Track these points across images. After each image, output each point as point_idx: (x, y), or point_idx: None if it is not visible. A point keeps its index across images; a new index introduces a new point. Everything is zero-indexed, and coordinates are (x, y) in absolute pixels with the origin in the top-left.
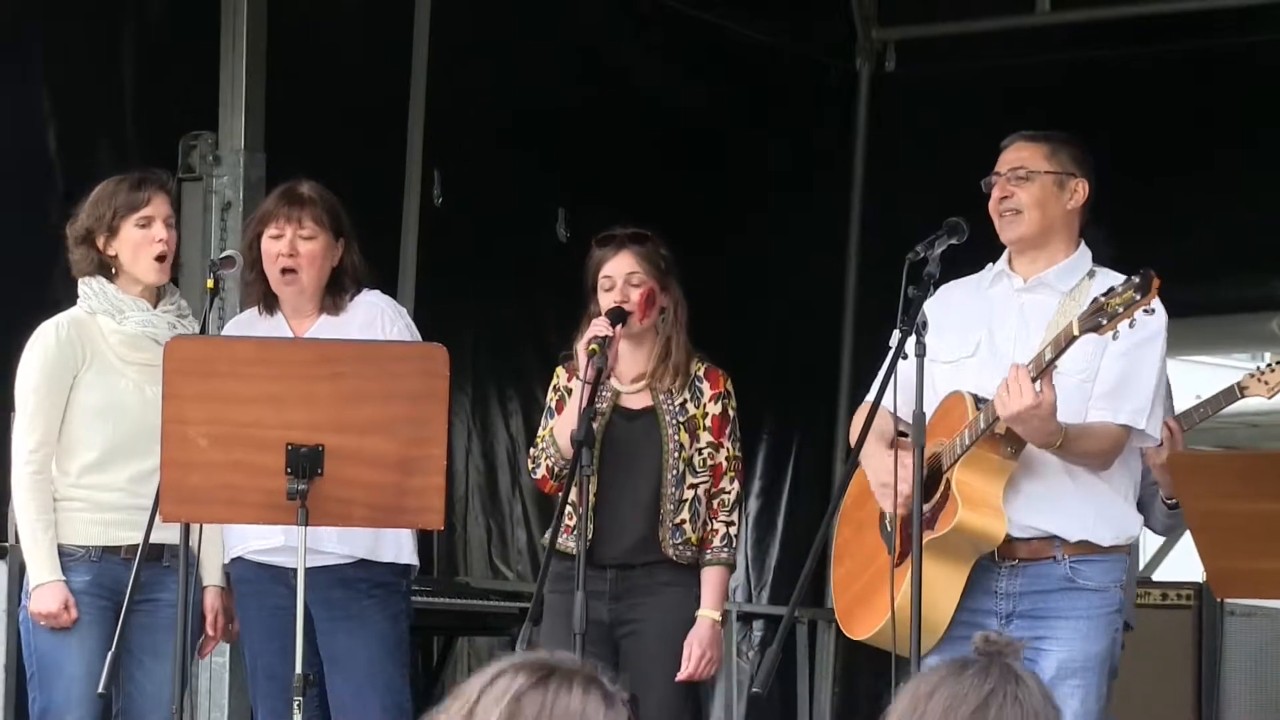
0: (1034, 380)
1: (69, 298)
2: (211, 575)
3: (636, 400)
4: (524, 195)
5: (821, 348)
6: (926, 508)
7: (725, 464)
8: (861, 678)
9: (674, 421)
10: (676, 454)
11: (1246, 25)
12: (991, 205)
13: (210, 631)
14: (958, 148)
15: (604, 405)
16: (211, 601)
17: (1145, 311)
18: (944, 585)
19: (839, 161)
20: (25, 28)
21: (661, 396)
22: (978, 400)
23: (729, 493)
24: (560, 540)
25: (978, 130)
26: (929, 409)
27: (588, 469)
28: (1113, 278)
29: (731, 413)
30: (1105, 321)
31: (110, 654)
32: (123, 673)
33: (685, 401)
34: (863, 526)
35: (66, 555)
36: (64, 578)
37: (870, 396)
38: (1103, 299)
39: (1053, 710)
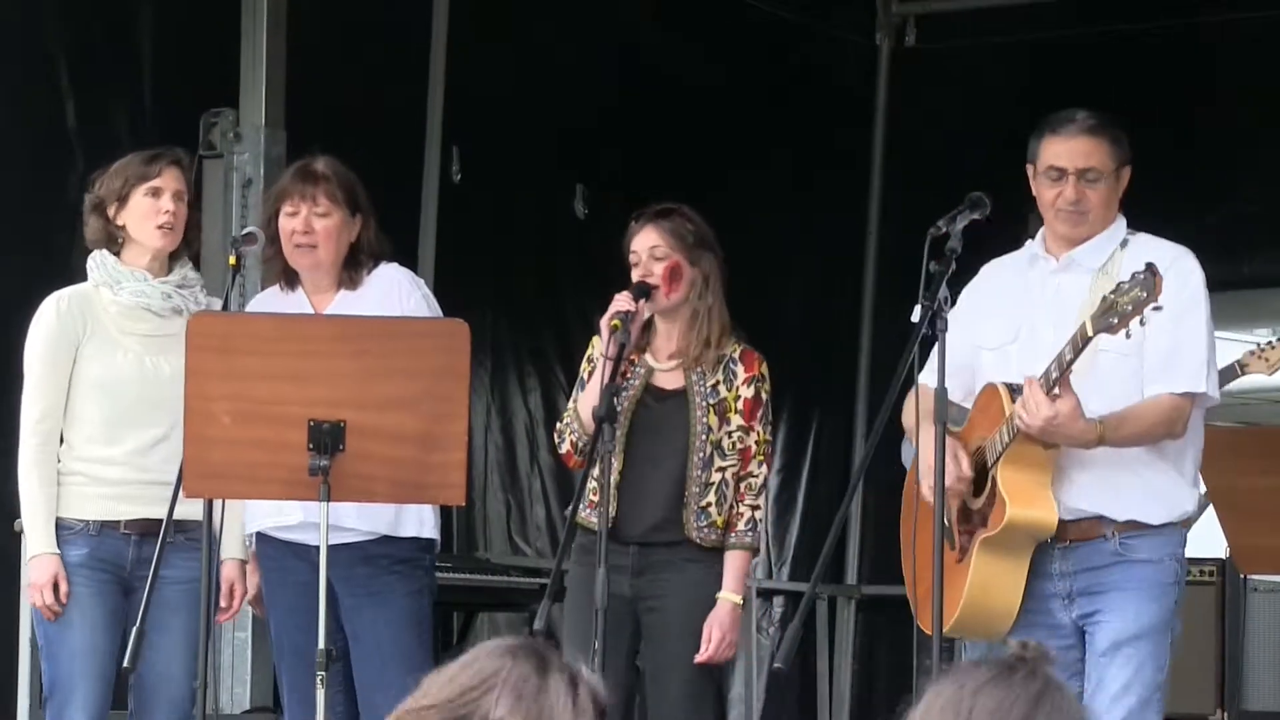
0: (1050, 389)
1: (86, 271)
2: (230, 549)
3: (669, 380)
4: (542, 172)
5: (841, 325)
6: (978, 504)
7: (755, 447)
8: (881, 653)
9: (704, 404)
10: (704, 436)
11: None
12: (1052, 201)
13: (224, 604)
14: (979, 122)
15: (637, 382)
16: (229, 574)
17: (1154, 308)
18: (1007, 576)
19: (859, 137)
20: (43, 2)
21: (694, 377)
22: (1012, 391)
23: (756, 476)
24: (585, 514)
25: (999, 105)
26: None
27: (609, 445)
28: (1147, 244)
29: (765, 396)
30: (1116, 320)
31: (135, 629)
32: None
33: (718, 383)
34: (928, 516)
35: (66, 528)
36: (58, 551)
37: (926, 379)
38: (1112, 296)
39: None
